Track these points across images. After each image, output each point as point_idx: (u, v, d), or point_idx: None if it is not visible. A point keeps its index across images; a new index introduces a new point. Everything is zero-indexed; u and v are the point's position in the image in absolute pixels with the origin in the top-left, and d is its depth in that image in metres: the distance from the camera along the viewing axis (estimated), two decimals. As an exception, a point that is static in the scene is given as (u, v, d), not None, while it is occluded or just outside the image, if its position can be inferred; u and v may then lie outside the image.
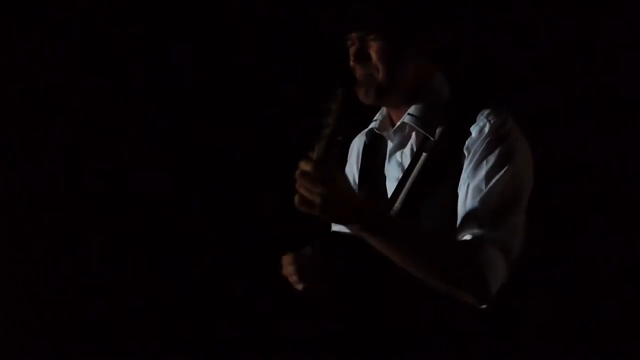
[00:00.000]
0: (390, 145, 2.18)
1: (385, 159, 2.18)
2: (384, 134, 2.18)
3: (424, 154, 2.03)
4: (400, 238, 1.87)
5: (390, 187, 2.12)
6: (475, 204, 1.92)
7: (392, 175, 2.14)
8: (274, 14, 3.40)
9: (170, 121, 3.46)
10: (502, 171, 1.94)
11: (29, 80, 3.35)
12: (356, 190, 2.28)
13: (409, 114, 2.10)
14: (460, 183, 1.98)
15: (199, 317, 3.45)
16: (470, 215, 1.92)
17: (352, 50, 2.10)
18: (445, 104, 2.10)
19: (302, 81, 3.39)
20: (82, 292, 3.38)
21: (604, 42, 3.03)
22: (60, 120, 3.38)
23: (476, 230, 1.89)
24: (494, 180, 1.93)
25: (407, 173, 2.07)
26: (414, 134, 2.12)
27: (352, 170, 2.35)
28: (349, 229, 1.88)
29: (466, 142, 2.00)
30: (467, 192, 1.95)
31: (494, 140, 1.97)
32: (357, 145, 2.36)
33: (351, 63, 2.12)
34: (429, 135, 2.06)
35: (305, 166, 1.81)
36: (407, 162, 2.11)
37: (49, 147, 3.38)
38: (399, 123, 2.12)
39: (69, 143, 3.39)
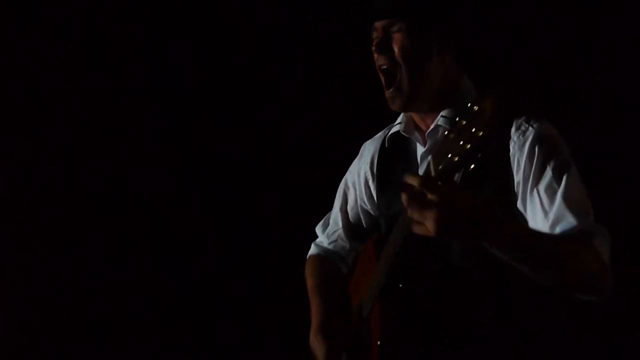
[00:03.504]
0: (420, 148, 2.16)
1: (412, 162, 2.16)
2: (412, 137, 2.16)
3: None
4: (528, 247, 1.76)
5: None
6: (560, 202, 1.90)
7: None
8: (274, 14, 3.40)
9: (170, 121, 3.46)
10: (570, 169, 1.94)
11: (29, 80, 3.36)
12: (375, 196, 2.30)
13: (442, 116, 2.07)
14: (522, 190, 1.96)
15: (198, 317, 3.45)
16: (561, 214, 1.89)
17: (375, 38, 2.07)
18: None
19: (302, 81, 3.39)
20: (82, 292, 3.38)
21: (604, 42, 3.03)
22: (60, 120, 3.38)
23: (578, 226, 1.87)
24: (565, 178, 1.92)
25: None
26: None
27: (362, 175, 2.34)
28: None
29: (510, 146, 1.98)
30: (540, 196, 1.93)
31: (549, 143, 1.96)
32: (369, 149, 2.34)
33: (374, 54, 2.09)
34: None
35: (419, 187, 1.60)
36: None
37: (49, 147, 3.38)
38: (432, 126, 2.09)
39: (69, 143, 3.39)
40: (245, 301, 3.41)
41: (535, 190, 1.94)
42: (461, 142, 1.55)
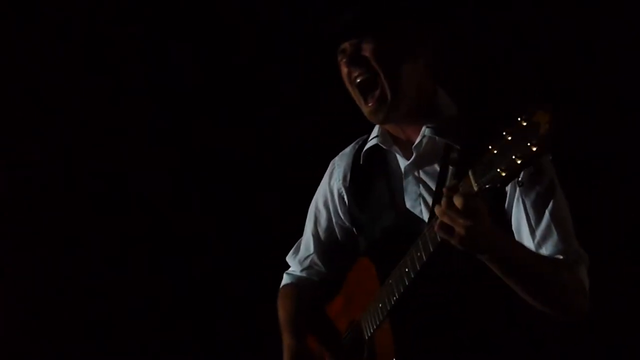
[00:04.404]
0: (401, 160, 2.15)
1: (395, 175, 2.15)
2: (391, 149, 2.15)
3: (450, 167, 1.99)
4: (522, 267, 1.87)
5: (412, 204, 2.10)
6: (548, 221, 1.96)
7: (412, 190, 2.11)
8: (274, 14, 3.40)
9: (170, 121, 3.46)
10: (557, 188, 1.99)
11: (29, 80, 3.35)
12: (347, 204, 2.30)
13: (428, 126, 2.07)
14: (510, 200, 1.99)
15: (198, 317, 3.45)
16: (548, 234, 1.96)
17: (345, 56, 2.08)
18: (457, 120, 2.09)
19: (302, 81, 3.39)
20: (82, 292, 3.38)
21: (604, 42, 3.03)
22: (61, 120, 3.38)
23: (565, 251, 1.95)
24: (554, 196, 1.97)
25: (440, 187, 2.03)
26: (433, 149, 2.09)
27: (335, 192, 2.33)
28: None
29: None
30: (527, 208, 1.97)
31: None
32: (339, 165, 2.33)
33: (344, 70, 2.09)
34: (455, 145, 2.03)
35: (457, 200, 1.69)
36: (427, 177, 2.09)
37: (49, 147, 3.38)
38: (419, 139, 2.08)
39: (69, 143, 3.39)
40: (245, 301, 3.41)
41: (521, 199, 1.98)
42: (513, 156, 1.55)
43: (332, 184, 2.35)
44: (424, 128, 2.07)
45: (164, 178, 3.45)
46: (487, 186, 1.63)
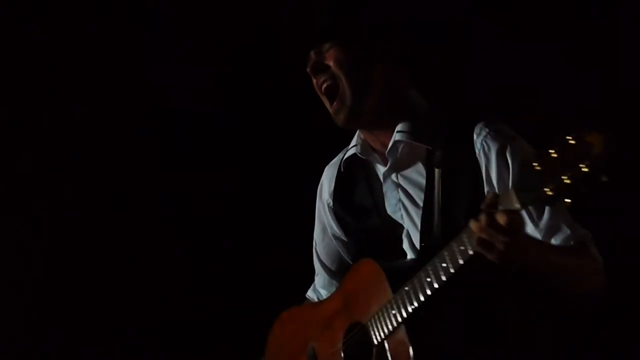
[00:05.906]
0: (380, 168, 2.17)
1: (375, 181, 2.18)
2: (369, 158, 2.18)
3: (436, 170, 1.99)
4: (553, 268, 1.89)
5: (392, 209, 2.13)
6: (550, 212, 1.96)
7: (392, 196, 2.14)
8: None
9: (172, 121, 3.46)
10: None
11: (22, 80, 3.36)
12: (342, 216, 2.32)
13: (398, 131, 2.08)
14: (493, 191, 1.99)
15: (199, 317, 3.44)
16: (554, 225, 1.97)
17: (310, 64, 2.12)
18: (432, 121, 2.10)
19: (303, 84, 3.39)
20: (82, 292, 3.38)
21: (603, 43, 3.03)
22: (61, 120, 3.38)
23: (574, 237, 1.96)
24: None
25: (429, 191, 2.05)
26: (410, 153, 2.11)
27: (325, 204, 2.37)
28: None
29: (477, 152, 2.01)
30: None
31: (518, 149, 2.00)
32: (327, 176, 2.37)
33: (313, 79, 2.13)
34: (429, 147, 2.04)
35: (500, 217, 1.68)
36: (405, 182, 2.11)
37: (49, 147, 3.38)
38: (391, 144, 2.10)
39: (70, 143, 3.39)
40: (245, 301, 3.41)
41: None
42: (562, 177, 1.52)
43: (322, 197, 2.40)
44: (395, 133, 2.09)
45: (165, 178, 3.45)
46: (531, 204, 1.62)
